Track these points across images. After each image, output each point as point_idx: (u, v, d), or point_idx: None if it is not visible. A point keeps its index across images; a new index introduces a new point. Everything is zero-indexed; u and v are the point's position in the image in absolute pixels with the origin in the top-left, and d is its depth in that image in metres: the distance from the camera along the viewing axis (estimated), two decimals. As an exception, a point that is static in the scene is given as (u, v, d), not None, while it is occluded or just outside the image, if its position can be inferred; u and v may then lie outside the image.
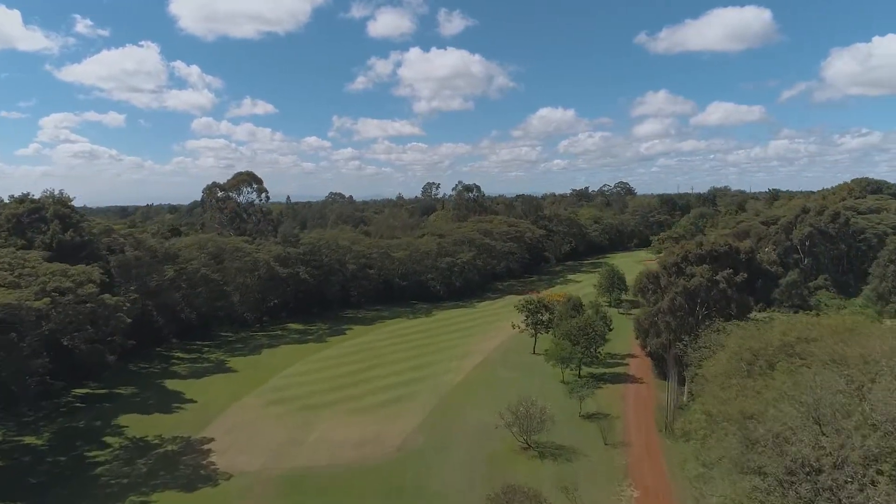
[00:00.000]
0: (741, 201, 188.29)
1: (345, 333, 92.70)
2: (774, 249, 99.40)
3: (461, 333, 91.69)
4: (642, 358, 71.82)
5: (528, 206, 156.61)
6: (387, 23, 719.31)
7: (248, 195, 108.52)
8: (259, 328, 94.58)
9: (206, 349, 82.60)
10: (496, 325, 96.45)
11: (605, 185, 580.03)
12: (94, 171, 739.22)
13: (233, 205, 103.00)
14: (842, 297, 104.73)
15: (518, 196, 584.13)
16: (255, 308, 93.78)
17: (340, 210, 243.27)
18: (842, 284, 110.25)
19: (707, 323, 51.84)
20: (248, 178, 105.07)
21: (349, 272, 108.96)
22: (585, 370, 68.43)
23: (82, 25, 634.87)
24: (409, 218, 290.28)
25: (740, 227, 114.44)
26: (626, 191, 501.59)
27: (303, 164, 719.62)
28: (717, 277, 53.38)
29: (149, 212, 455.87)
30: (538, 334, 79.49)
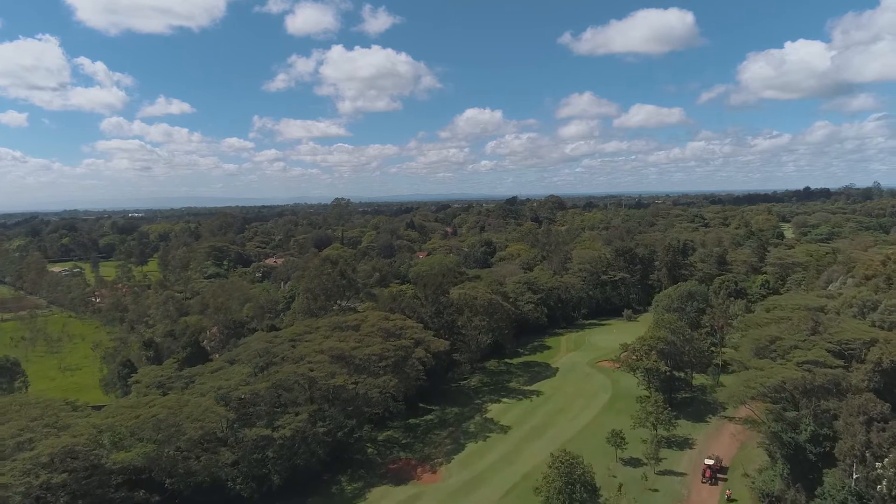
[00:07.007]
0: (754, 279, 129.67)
1: None
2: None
3: None
4: None
5: (429, 285, 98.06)
6: (307, 18, 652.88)
7: None
8: None
9: None
10: None
11: (534, 200, 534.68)
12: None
13: None
14: None
15: (439, 210, 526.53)
16: None
17: (188, 258, 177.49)
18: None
19: None
20: None
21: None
22: None
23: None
24: (300, 256, 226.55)
25: (796, 368, 61.61)
26: (557, 205, 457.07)
27: (225, 166, 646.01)
28: None
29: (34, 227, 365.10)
30: None
